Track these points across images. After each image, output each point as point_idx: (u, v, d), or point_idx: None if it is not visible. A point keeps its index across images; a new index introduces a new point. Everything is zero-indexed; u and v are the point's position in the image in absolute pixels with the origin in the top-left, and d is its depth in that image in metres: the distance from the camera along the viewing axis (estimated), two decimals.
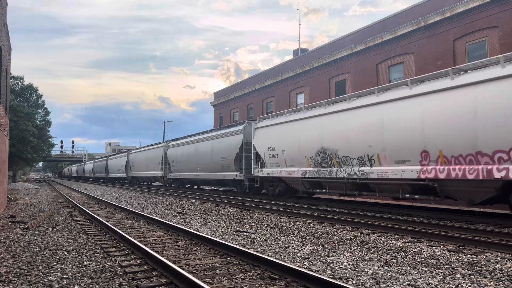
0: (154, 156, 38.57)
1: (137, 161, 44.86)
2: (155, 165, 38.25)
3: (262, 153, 20.54)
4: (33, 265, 6.84)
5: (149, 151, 40.86)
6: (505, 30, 17.81)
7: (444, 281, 5.68)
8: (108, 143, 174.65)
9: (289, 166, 18.68)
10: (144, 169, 42.27)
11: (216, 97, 45.48)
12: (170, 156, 34.25)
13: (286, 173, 18.81)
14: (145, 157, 41.59)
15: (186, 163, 30.88)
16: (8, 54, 19.32)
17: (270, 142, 20.08)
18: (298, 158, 18.00)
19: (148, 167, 40.69)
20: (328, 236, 9.52)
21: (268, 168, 20.28)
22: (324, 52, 28.79)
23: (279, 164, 19.40)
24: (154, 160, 38.65)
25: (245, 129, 22.75)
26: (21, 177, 78.04)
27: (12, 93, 45.02)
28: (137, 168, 44.82)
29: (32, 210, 16.87)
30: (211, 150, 26.46)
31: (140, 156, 44.09)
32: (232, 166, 23.66)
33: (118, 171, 54.15)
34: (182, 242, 8.82)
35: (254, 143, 21.42)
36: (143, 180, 45.35)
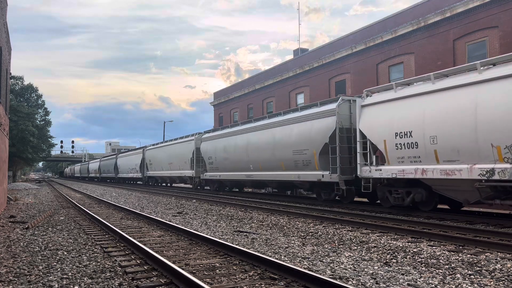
0: (182, 151, 31.76)
1: (157, 158, 38.10)
2: (183, 163, 31.63)
3: (381, 141, 13.74)
4: (33, 265, 6.84)
5: (173, 146, 33.93)
6: (505, 30, 17.81)
7: (444, 281, 5.68)
8: (108, 143, 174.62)
9: (445, 161, 11.75)
10: (166, 168, 35.41)
11: (216, 97, 45.48)
12: (205, 151, 27.35)
13: (439, 173, 11.82)
14: (167, 154, 35.00)
15: (231, 160, 23.99)
16: (8, 54, 19.33)
17: (398, 124, 13.12)
18: (472, 147, 10.94)
19: (172, 165, 33.90)
20: (328, 236, 9.52)
21: (392, 165, 13.43)
22: (324, 52, 28.79)
23: (418, 158, 12.55)
24: (181, 156, 31.97)
25: (340, 109, 15.83)
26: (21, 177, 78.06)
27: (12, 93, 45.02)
28: (156, 166, 38.11)
29: (32, 210, 16.87)
30: (274, 141, 19.56)
31: (160, 152, 37.23)
32: (314, 162, 16.72)
33: (130, 171, 47.24)
34: (182, 242, 8.82)
35: (360, 128, 14.69)
36: (163, 181, 39.03)
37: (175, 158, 33.19)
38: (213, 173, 26.73)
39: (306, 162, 17.38)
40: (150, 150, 40.41)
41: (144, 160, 41.56)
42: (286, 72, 32.70)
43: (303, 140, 17.46)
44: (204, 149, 27.64)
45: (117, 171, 53.88)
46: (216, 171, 26.24)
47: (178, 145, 33.08)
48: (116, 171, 54.36)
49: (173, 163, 33.45)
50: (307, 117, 17.57)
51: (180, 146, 32.55)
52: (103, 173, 63.82)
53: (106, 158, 66.10)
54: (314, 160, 16.82)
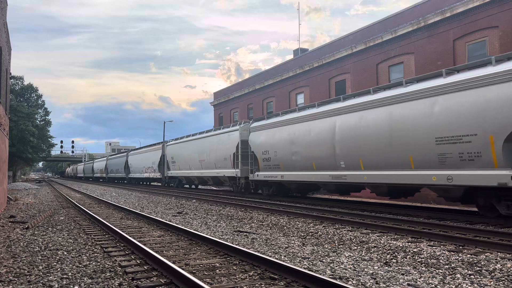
0: (220, 146, 25.36)
1: (182, 155, 31.44)
2: (220, 160, 24.98)
3: None
4: (33, 265, 6.84)
5: (207, 140, 27.42)
6: (505, 30, 17.81)
7: (444, 281, 5.68)
8: (108, 143, 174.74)
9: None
10: (195, 166, 28.88)
11: (216, 97, 45.49)
12: (257, 144, 20.93)
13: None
14: (198, 149, 28.34)
15: (302, 155, 17.46)
16: (8, 54, 19.33)
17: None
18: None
19: (204, 163, 27.23)
20: (328, 236, 9.52)
21: None
22: (324, 52, 28.79)
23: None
24: (218, 152, 25.34)
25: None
26: (21, 177, 78.04)
27: (12, 93, 45.03)
28: (182, 165, 31.72)
29: (32, 210, 16.87)
30: (391, 124, 13.15)
31: (187, 148, 30.61)
32: (491, 154, 10.39)
33: (146, 170, 40.87)
34: (182, 242, 8.82)
35: None
36: (190, 182, 32.51)
37: (209, 154, 26.62)
38: (270, 172, 19.97)
39: (471, 155, 10.84)
40: (172, 145, 33.98)
41: (164, 158, 35.28)
42: (286, 72, 32.70)
43: (465, 120, 10.94)
44: (256, 141, 21.16)
45: (128, 170, 47.89)
46: (276, 170, 19.57)
47: (214, 137, 26.50)
48: (127, 170, 48.39)
49: (206, 160, 27.03)
50: (471, 83, 10.85)
51: (217, 139, 25.92)
52: (111, 173, 57.69)
53: (115, 156, 59.05)
54: (489, 151, 10.38)
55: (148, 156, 40.16)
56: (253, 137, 21.69)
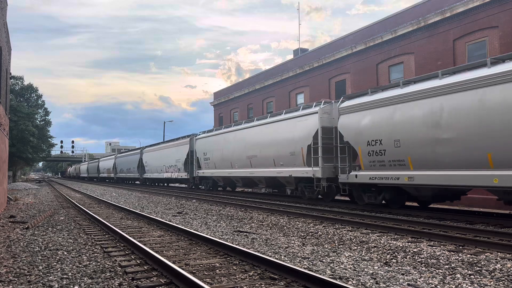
0: (289, 134, 18.54)
1: (218, 150, 25.43)
2: (285, 155, 18.65)
3: None
4: (33, 265, 6.84)
5: (265, 129, 20.71)
6: (505, 30, 17.81)
7: (444, 281, 5.68)
8: (108, 143, 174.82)
9: None
10: (242, 164, 22.50)
11: (216, 97, 45.50)
12: (362, 129, 14.43)
13: None
14: (248, 143, 22.01)
15: (465, 145, 11.18)
16: (8, 54, 19.34)
17: None
18: None
19: (256, 160, 21.13)
20: (328, 236, 9.52)
21: None
22: (324, 52, 28.80)
23: None
24: (284, 144, 18.75)
25: None
26: (21, 177, 78.05)
27: (12, 93, 45.04)
28: (218, 162, 25.49)
29: (32, 210, 16.87)
30: None
31: (228, 141, 24.29)
32: None
33: (167, 169, 34.54)
34: (182, 242, 8.82)
35: None
36: (228, 183, 27.07)
37: (264, 148, 20.44)
38: (383, 172, 13.63)
39: None
40: (205, 138, 27.94)
41: (193, 154, 29.56)
42: (286, 72, 32.71)
43: None
44: (353, 126, 14.78)
45: (143, 170, 41.85)
46: (394, 169, 13.36)
47: (273, 126, 19.89)
48: (141, 170, 42.37)
49: (259, 155, 20.80)
50: None
51: (279, 128, 19.31)
52: (121, 172, 51.06)
53: (125, 154, 51.95)
54: None
55: (171, 152, 33.62)
56: (346, 121, 15.14)
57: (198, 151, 28.68)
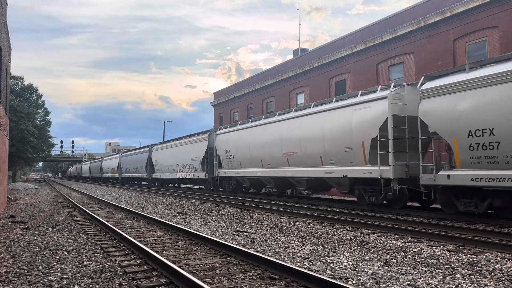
0: (347, 122, 15.15)
1: (249, 146, 21.92)
2: (337, 150, 15.49)
3: None
4: (33, 265, 6.84)
5: (310, 119, 17.28)
6: (505, 30, 17.82)
7: (444, 281, 5.68)
8: (108, 143, 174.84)
9: None
10: (276, 162, 19.50)
11: (216, 97, 45.51)
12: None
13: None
14: (285, 137, 18.75)
15: None
16: (8, 54, 19.34)
17: None
18: None
19: (295, 158, 17.96)
20: (328, 236, 9.52)
21: None
22: (324, 52, 28.81)
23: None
24: (340, 135, 15.39)
25: None
26: (21, 177, 78.06)
27: (12, 93, 45.05)
28: (244, 160, 22.61)
29: (32, 210, 16.87)
30: None
31: (258, 134, 21.23)
32: None
33: (181, 168, 31.66)
34: (182, 242, 8.82)
35: None
36: (258, 185, 23.57)
37: (308, 143, 17.00)
38: (505, 171, 10.34)
39: None
40: (226, 134, 24.88)
41: (213, 151, 26.55)
42: (286, 72, 32.72)
43: None
44: (446, 109, 11.44)
45: (152, 169, 39.11)
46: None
47: (329, 114, 16.09)
48: (151, 169, 39.62)
49: (300, 152, 17.56)
50: None
51: (337, 117, 15.67)
52: (127, 172, 48.49)
53: (132, 152, 48.96)
54: None
55: (185, 150, 30.88)
56: (432, 106, 11.75)
57: (219, 148, 25.50)
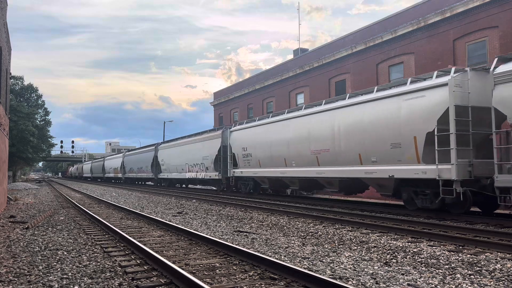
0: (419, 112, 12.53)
1: (273, 142, 19.54)
2: (385, 148, 13.46)
3: None
4: (33, 265, 6.84)
5: (350, 110, 15.13)
6: (505, 30, 17.81)
7: (444, 281, 5.68)
8: (108, 143, 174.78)
9: None
10: (303, 160, 17.50)
11: (216, 97, 45.50)
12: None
13: None
14: (325, 126, 16.19)
15: None
16: (8, 54, 19.33)
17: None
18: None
19: (339, 155, 15.49)
20: (328, 236, 9.52)
21: None
22: (324, 52, 28.80)
23: None
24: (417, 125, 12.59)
25: None
26: (21, 177, 78.04)
27: (12, 93, 45.03)
28: (268, 158, 20.00)
29: (32, 210, 16.87)
30: None
31: (287, 128, 18.69)
32: None
33: (191, 168, 29.58)
34: (182, 242, 8.82)
35: None
36: (280, 185, 21.17)
37: (351, 138, 14.75)
38: None
39: None
40: (244, 130, 22.76)
41: (227, 149, 24.23)
42: (286, 72, 32.71)
43: None
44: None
45: (159, 169, 37.29)
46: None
47: (370, 106, 14.18)
48: (157, 169, 37.80)
49: (332, 150, 15.54)
50: None
51: (380, 108, 13.77)
52: (131, 172, 46.64)
53: (136, 152, 47.07)
54: None
55: (196, 148, 28.83)
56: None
57: (234, 146, 23.43)
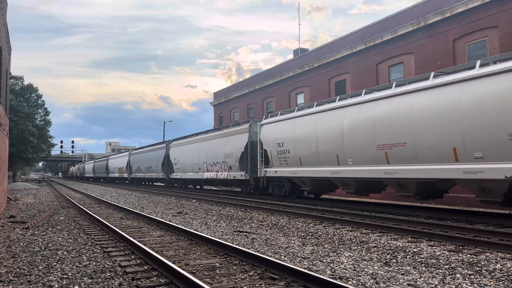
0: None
1: (320, 140, 16.49)
2: (499, 140, 10.07)
3: None
4: (33, 265, 6.83)
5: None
6: (505, 30, 17.81)
7: (444, 281, 5.68)
8: (108, 143, 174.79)
9: None
10: (361, 158, 14.39)
11: (216, 97, 45.50)
12: None
13: None
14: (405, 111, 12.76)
15: None
16: (8, 54, 19.33)
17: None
18: None
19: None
20: (328, 236, 9.52)
21: None
22: (324, 52, 28.79)
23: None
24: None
25: None
26: (21, 177, 78.03)
27: (12, 93, 45.05)
28: (312, 155, 16.90)
29: (32, 210, 16.87)
30: None
31: (341, 116, 15.47)
32: None
33: (210, 167, 26.87)
34: (182, 242, 8.82)
35: None
36: (321, 186, 17.96)
37: (439, 129, 11.71)
38: None
39: None
40: (279, 123, 19.75)
41: (256, 146, 21.58)
42: (286, 72, 32.70)
43: None
44: None
45: (171, 168, 34.45)
46: None
47: (470, 86, 10.93)
48: (168, 168, 35.02)
49: (410, 144, 12.52)
50: None
51: (493, 88, 10.32)
52: (138, 172, 43.18)
53: (144, 150, 42.62)
54: None
55: (216, 145, 25.93)
56: None
57: (266, 142, 20.43)
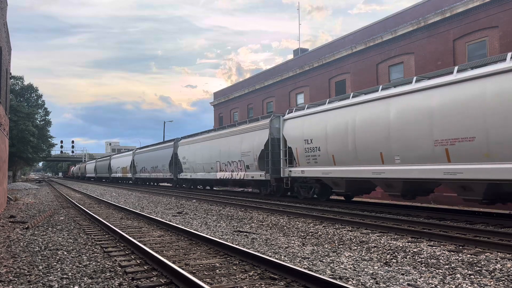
0: None
1: (359, 135, 14.53)
2: None
3: None
4: (33, 265, 6.84)
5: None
6: (505, 30, 17.81)
7: (444, 281, 5.68)
8: (108, 143, 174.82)
9: None
10: (414, 156, 12.45)
11: (216, 97, 45.51)
12: None
13: None
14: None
15: None
16: (8, 54, 19.33)
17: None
18: None
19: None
20: (328, 236, 9.52)
21: None
22: (324, 52, 28.80)
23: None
24: None
25: None
26: (21, 177, 78.02)
27: (12, 93, 45.04)
28: (350, 155, 15.00)
29: (32, 210, 16.87)
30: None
31: (381, 107, 13.77)
32: None
33: (225, 167, 24.74)
34: (182, 242, 8.82)
35: None
36: (358, 188, 16.17)
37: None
38: None
39: None
40: (306, 117, 17.80)
41: (276, 144, 20.08)
42: (286, 72, 32.71)
43: None
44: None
45: (179, 168, 32.26)
46: None
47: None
48: (176, 168, 32.83)
49: (483, 139, 10.54)
50: None
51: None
52: (143, 172, 41.38)
53: (149, 149, 40.38)
54: None
55: (231, 143, 23.77)
56: None
57: (290, 138, 18.63)
